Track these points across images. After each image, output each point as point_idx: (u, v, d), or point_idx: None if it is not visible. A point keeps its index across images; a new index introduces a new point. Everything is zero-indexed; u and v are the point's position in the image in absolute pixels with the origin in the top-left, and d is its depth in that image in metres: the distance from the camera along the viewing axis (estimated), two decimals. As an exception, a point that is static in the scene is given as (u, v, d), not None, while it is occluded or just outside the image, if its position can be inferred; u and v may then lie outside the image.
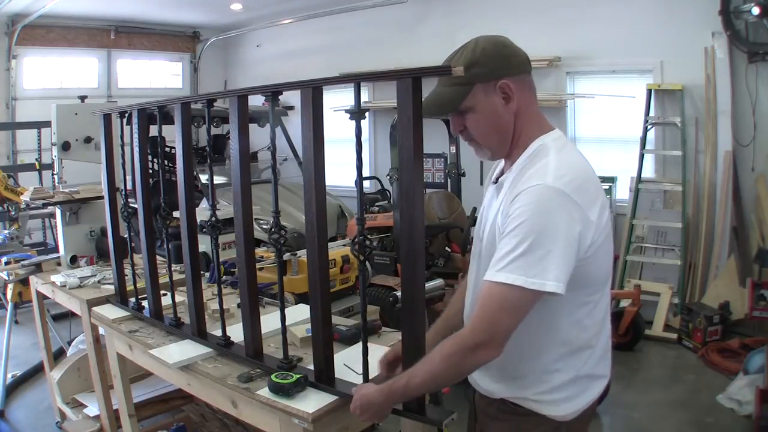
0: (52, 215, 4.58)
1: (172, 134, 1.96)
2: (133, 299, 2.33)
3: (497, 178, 1.37)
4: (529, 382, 1.30)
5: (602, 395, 1.39)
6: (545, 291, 1.13)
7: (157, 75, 8.49)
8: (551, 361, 1.28)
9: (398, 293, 3.34)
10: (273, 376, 1.55)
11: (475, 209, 3.85)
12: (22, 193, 4.05)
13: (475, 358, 1.18)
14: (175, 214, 2.07)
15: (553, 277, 1.13)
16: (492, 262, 1.19)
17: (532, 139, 1.29)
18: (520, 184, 1.21)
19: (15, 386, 3.78)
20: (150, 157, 3.14)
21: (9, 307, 3.47)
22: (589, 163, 1.31)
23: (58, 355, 3.65)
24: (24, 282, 3.20)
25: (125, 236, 2.45)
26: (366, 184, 6.18)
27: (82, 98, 3.70)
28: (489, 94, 1.27)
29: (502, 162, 1.39)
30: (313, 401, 1.50)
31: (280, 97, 1.61)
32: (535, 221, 1.14)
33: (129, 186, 2.36)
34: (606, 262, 1.29)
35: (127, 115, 2.22)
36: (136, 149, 2.16)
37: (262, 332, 1.79)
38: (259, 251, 3.27)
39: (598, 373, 1.35)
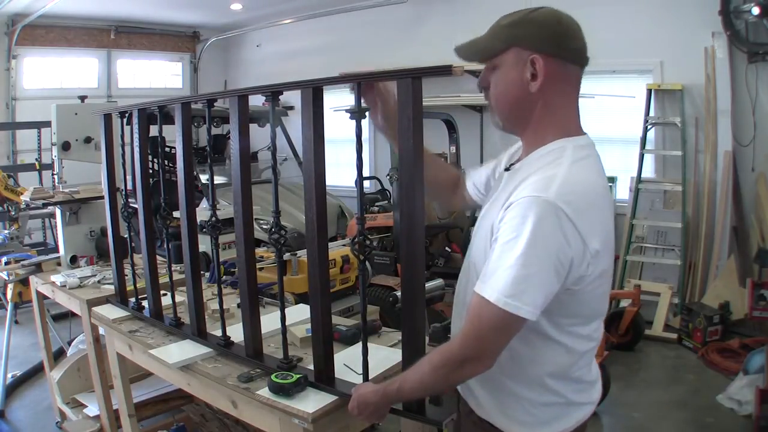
0: (52, 215, 4.57)
1: (172, 134, 1.96)
2: (133, 299, 2.33)
3: (510, 165, 1.29)
4: (500, 397, 1.26)
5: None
6: (519, 315, 1.06)
7: (157, 75, 8.49)
8: (524, 380, 1.23)
9: (398, 293, 3.34)
10: (273, 376, 1.55)
11: (475, 210, 3.85)
12: (22, 193, 4.05)
13: (463, 372, 1.16)
14: (175, 214, 2.07)
15: (531, 301, 1.06)
16: (482, 270, 1.14)
17: (552, 138, 1.19)
18: (521, 187, 1.12)
19: (15, 386, 3.77)
20: (150, 157, 3.13)
21: (9, 307, 3.47)
22: (605, 182, 1.21)
23: (58, 355, 3.65)
24: (24, 282, 3.20)
25: (125, 236, 2.45)
26: (366, 184, 6.18)
27: (82, 98, 3.69)
28: (520, 62, 1.16)
29: (519, 150, 1.31)
30: (313, 401, 1.50)
31: (280, 97, 1.61)
32: (528, 238, 1.05)
33: (129, 186, 2.36)
34: (597, 301, 1.20)
35: (127, 115, 2.22)
36: (136, 149, 2.16)
37: (262, 332, 1.79)
38: (259, 251, 3.27)
39: (579, 401, 1.27)
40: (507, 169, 1.30)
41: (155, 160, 5.20)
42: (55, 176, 3.33)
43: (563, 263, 1.07)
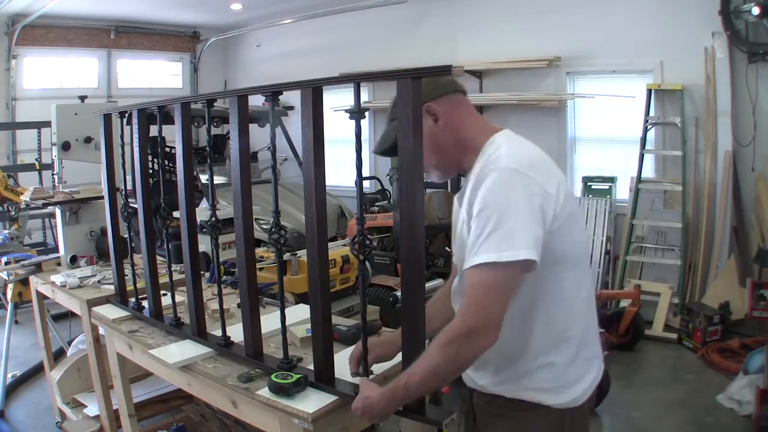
0: (52, 215, 4.58)
1: (172, 134, 1.96)
2: (133, 299, 2.33)
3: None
4: (523, 370, 1.32)
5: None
6: (519, 260, 1.16)
7: (157, 75, 8.49)
8: (540, 343, 1.31)
9: (398, 293, 3.34)
10: (273, 376, 1.55)
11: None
12: (22, 193, 4.05)
13: (472, 345, 1.17)
14: (175, 214, 2.07)
15: (524, 245, 1.17)
16: (467, 251, 1.22)
17: (482, 143, 1.35)
18: (479, 178, 1.26)
19: (15, 386, 3.78)
20: (150, 157, 3.14)
21: (9, 307, 3.47)
22: (543, 152, 1.38)
23: (58, 355, 3.65)
24: (24, 282, 3.20)
25: (125, 236, 2.46)
26: (366, 184, 6.18)
27: (82, 98, 3.70)
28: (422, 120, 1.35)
29: None
30: (313, 401, 1.50)
31: (280, 97, 1.61)
32: (496, 201, 1.20)
33: (129, 186, 2.36)
34: (576, 237, 1.33)
35: (127, 115, 2.22)
36: (136, 149, 2.16)
37: (262, 332, 1.79)
38: (259, 251, 3.27)
39: (591, 355, 1.38)
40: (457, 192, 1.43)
41: (155, 160, 5.20)
42: (55, 176, 3.33)
43: (535, 209, 1.21)
